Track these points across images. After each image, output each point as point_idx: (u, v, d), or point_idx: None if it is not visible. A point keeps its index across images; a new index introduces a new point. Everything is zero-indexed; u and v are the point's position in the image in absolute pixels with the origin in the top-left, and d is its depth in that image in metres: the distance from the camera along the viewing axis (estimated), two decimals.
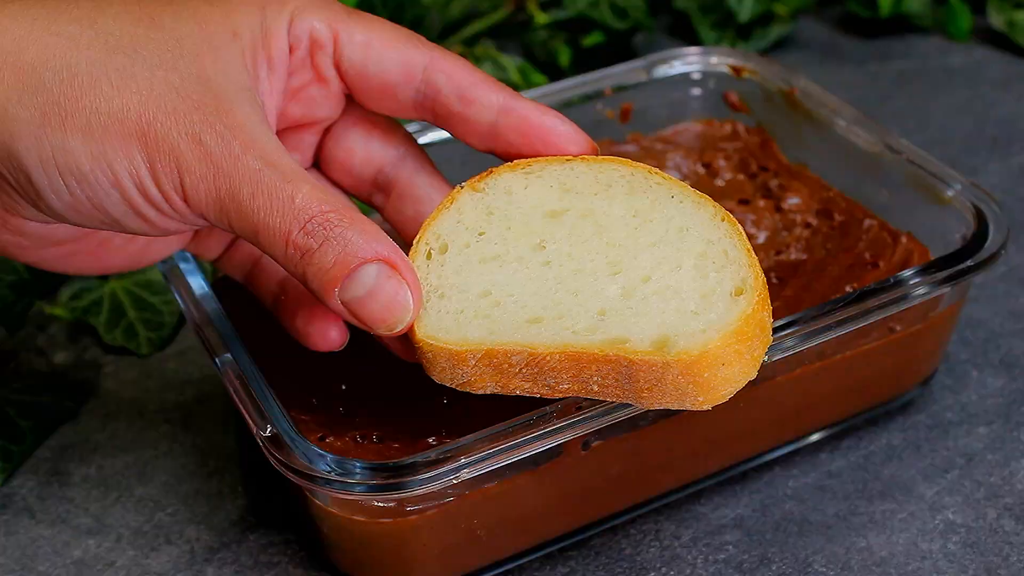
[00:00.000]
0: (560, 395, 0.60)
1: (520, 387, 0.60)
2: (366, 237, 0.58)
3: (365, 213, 0.65)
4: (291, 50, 0.65)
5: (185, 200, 0.58)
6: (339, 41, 0.65)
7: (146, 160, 0.57)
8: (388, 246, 0.58)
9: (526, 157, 0.67)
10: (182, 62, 0.59)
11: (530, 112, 0.67)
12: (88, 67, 0.57)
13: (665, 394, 0.58)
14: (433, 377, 0.61)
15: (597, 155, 0.67)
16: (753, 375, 0.59)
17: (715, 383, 0.58)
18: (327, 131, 0.70)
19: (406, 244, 0.67)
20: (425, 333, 0.60)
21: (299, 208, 0.57)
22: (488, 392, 0.60)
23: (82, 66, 0.57)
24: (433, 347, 0.60)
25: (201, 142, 0.57)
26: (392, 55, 0.66)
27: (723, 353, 0.57)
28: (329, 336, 0.65)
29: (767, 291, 0.60)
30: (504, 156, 0.68)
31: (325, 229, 0.57)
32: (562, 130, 0.67)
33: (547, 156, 0.67)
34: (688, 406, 0.59)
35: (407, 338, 0.61)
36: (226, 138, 0.57)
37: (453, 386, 0.61)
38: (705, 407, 0.59)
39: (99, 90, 0.57)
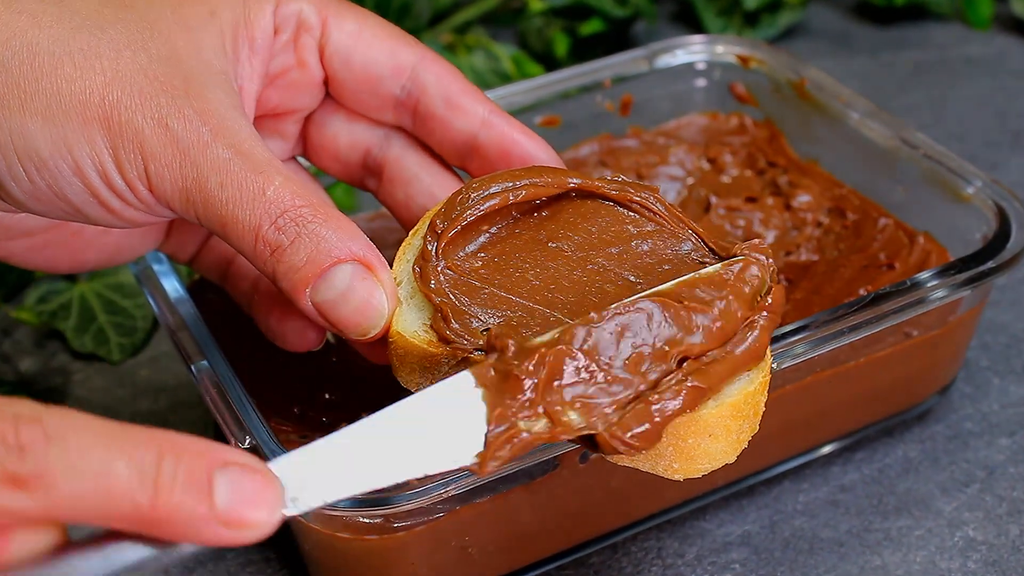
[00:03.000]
0: None
1: None
2: (341, 234, 0.57)
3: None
4: (276, 32, 0.65)
5: (150, 189, 0.58)
6: (328, 26, 0.66)
7: (109, 146, 0.57)
8: (364, 245, 0.58)
9: None
10: (152, 42, 0.59)
11: (514, 131, 0.67)
12: (50, 46, 0.57)
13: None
14: (399, 379, 0.61)
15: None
16: (732, 459, 0.58)
17: (696, 454, 0.57)
18: (309, 118, 0.70)
19: (403, 229, 0.67)
20: (402, 327, 0.60)
21: (270, 201, 0.57)
22: None
23: (43, 45, 0.57)
24: (407, 344, 0.59)
25: (168, 127, 0.57)
26: (382, 46, 0.67)
27: (715, 424, 0.56)
28: (306, 336, 0.65)
29: (770, 377, 0.59)
30: (476, 172, 0.68)
31: (297, 225, 0.57)
32: (542, 156, 0.68)
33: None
34: (660, 471, 0.57)
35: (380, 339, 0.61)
36: (195, 124, 0.57)
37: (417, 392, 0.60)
38: (677, 477, 0.57)
39: (61, 71, 0.57)
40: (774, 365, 0.61)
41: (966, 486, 0.77)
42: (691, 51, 0.93)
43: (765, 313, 0.58)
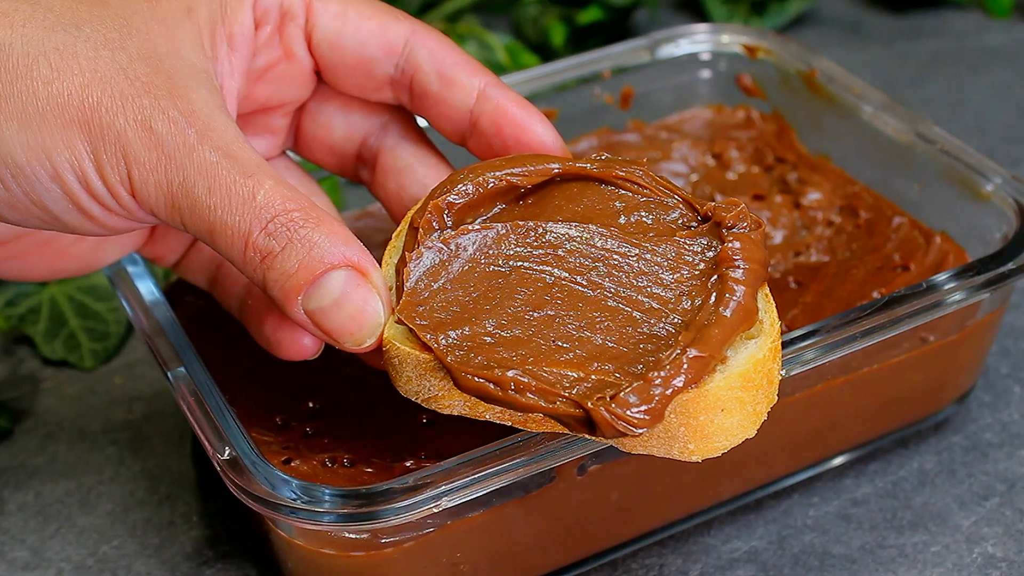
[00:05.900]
0: (534, 427, 0.59)
1: (491, 410, 0.59)
2: (334, 240, 0.57)
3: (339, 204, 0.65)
4: (257, 26, 0.65)
5: (133, 194, 0.58)
6: (312, 11, 0.66)
7: (89, 150, 0.57)
8: (358, 250, 0.58)
9: (500, 155, 0.67)
10: (130, 41, 0.59)
11: (509, 103, 0.67)
12: (24, 46, 0.57)
13: (652, 435, 0.57)
14: (398, 388, 0.61)
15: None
16: (752, 433, 0.59)
17: (710, 431, 0.57)
18: (301, 109, 0.70)
19: (393, 223, 0.67)
20: (393, 334, 0.60)
21: (260, 206, 0.57)
22: (455, 413, 0.60)
23: (17, 45, 0.57)
24: (400, 352, 0.60)
25: (151, 129, 0.57)
26: (371, 26, 0.67)
27: (725, 397, 0.57)
28: (302, 344, 0.65)
29: (780, 342, 0.60)
30: (477, 151, 0.68)
31: (289, 230, 0.57)
32: (539, 131, 0.67)
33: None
34: (676, 454, 0.58)
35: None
36: (180, 125, 0.57)
37: (418, 400, 0.60)
38: (695, 459, 0.58)
39: (36, 72, 0.57)
40: (783, 372, 0.61)
41: (985, 500, 0.77)
42: (695, 41, 0.93)
43: (739, 263, 0.59)
